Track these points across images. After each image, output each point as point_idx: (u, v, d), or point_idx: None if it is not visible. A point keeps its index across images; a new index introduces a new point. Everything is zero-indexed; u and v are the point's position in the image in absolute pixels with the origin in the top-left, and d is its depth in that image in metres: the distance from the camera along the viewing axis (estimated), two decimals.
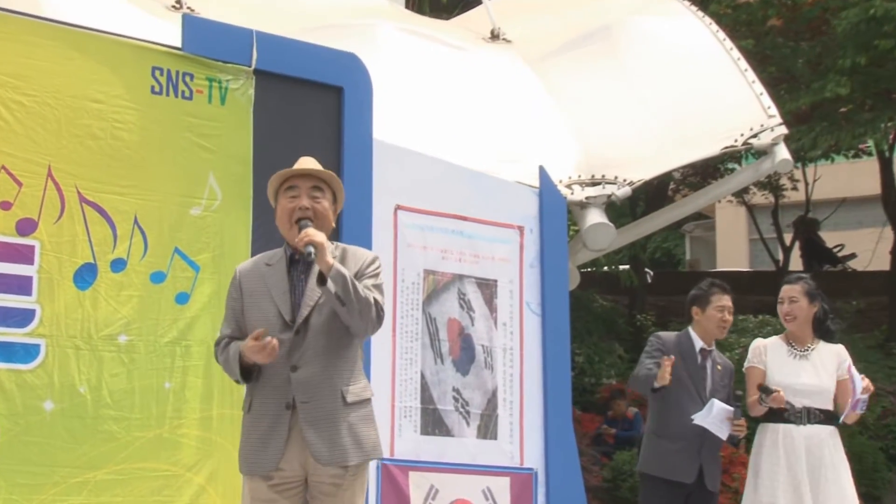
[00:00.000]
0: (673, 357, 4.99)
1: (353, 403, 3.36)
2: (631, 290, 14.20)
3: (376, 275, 3.47)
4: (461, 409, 5.33)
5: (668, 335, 5.32)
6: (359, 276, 3.40)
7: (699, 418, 4.94)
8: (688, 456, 5.02)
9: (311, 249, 3.24)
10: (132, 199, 4.40)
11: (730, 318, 5.26)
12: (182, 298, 4.48)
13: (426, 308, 5.31)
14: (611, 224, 6.06)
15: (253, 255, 4.55)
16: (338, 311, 3.31)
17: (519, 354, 5.55)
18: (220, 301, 4.44)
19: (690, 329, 5.28)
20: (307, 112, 4.94)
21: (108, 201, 4.34)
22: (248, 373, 3.40)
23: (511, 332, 5.56)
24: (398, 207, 5.28)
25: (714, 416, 4.93)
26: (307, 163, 3.60)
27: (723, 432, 4.98)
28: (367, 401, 3.45)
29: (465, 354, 5.40)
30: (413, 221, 5.33)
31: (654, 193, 13.86)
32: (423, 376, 5.22)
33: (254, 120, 4.74)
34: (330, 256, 3.30)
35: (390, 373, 5.10)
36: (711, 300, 5.25)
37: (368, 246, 4.90)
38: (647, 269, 16.13)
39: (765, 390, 5.03)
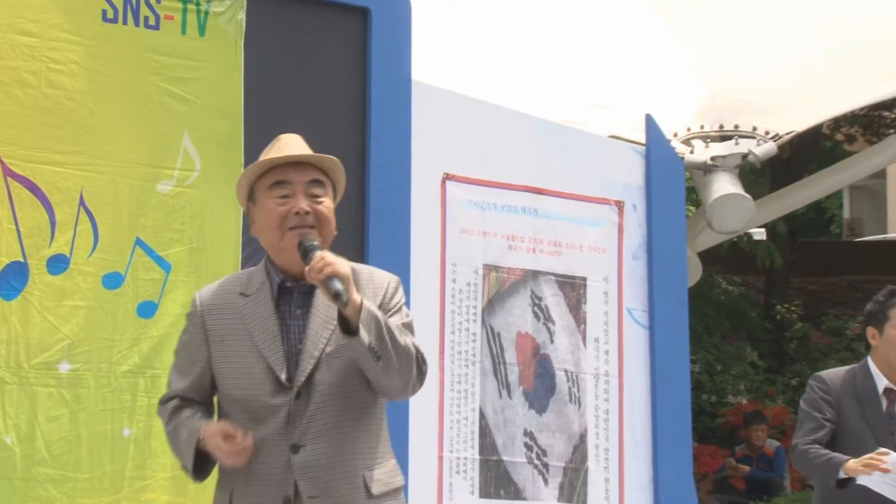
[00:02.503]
0: (887, 457, 4.79)
1: (380, 496, 3.26)
2: (768, 270, 14.05)
3: (401, 308, 3.36)
4: (537, 462, 5.30)
5: (835, 374, 5.17)
6: (381, 311, 3.25)
7: (865, 478, 4.79)
8: None
9: (339, 287, 3.05)
10: (76, 172, 4.37)
11: None
12: (147, 310, 4.45)
13: (487, 319, 5.27)
14: (747, 196, 5.99)
15: (245, 246, 4.56)
16: (366, 369, 3.19)
17: (618, 383, 5.52)
18: None
19: (870, 360, 5.12)
20: (320, 44, 4.91)
21: (42, 174, 4.31)
22: (203, 465, 3.29)
23: (606, 352, 5.53)
24: (447, 177, 5.24)
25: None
26: (292, 144, 3.43)
27: None
28: (398, 490, 3.35)
29: (542, 384, 5.37)
30: (468, 196, 5.29)
31: (802, 134, 13.64)
32: (482, 415, 5.19)
33: (245, 57, 4.71)
34: (356, 291, 3.15)
35: (437, 411, 5.07)
36: (891, 315, 5.07)
37: (405, 233, 4.94)
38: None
39: None
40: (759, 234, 13.69)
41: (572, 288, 5.51)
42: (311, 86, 4.84)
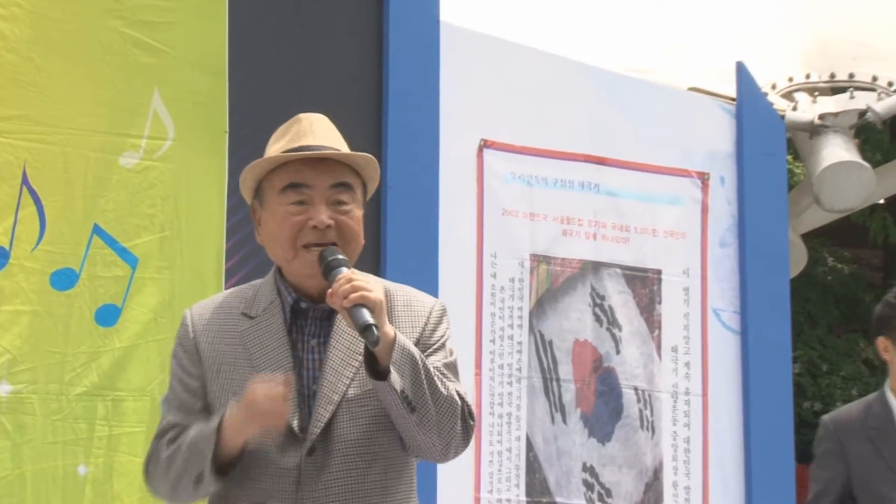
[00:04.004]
0: None
1: None
2: (887, 245, 14.06)
3: (443, 344, 3.28)
4: (600, 503, 5.27)
5: (846, 413, 5.17)
6: (419, 348, 3.18)
7: None
8: None
9: (369, 319, 2.96)
10: (18, 142, 4.37)
11: None
12: (107, 316, 4.45)
13: (535, 323, 5.26)
14: (866, 165, 5.96)
15: (231, 234, 4.59)
16: (396, 422, 3.12)
17: (701, 403, 5.52)
18: (175, 320, 4.39)
19: (886, 386, 5.11)
20: None
21: None
22: (225, 466, 3.16)
23: (687, 364, 5.53)
24: (485, 144, 5.23)
25: None
26: (315, 131, 3.35)
27: None
28: None
29: (606, 405, 5.36)
30: (511, 168, 5.29)
31: None
32: (530, 446, 5.19)
33: None
34: (388, 323, 3.06)
35: (473, 440, 4.97)
36: None
37: (432, 215, 4.94)
38: None
39: None
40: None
41: (644, 283, 5.52)
42: (314, 31, 4.83)
